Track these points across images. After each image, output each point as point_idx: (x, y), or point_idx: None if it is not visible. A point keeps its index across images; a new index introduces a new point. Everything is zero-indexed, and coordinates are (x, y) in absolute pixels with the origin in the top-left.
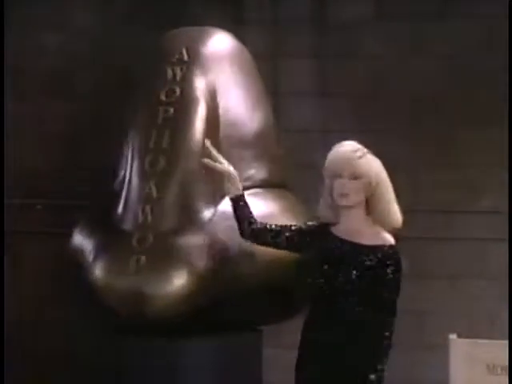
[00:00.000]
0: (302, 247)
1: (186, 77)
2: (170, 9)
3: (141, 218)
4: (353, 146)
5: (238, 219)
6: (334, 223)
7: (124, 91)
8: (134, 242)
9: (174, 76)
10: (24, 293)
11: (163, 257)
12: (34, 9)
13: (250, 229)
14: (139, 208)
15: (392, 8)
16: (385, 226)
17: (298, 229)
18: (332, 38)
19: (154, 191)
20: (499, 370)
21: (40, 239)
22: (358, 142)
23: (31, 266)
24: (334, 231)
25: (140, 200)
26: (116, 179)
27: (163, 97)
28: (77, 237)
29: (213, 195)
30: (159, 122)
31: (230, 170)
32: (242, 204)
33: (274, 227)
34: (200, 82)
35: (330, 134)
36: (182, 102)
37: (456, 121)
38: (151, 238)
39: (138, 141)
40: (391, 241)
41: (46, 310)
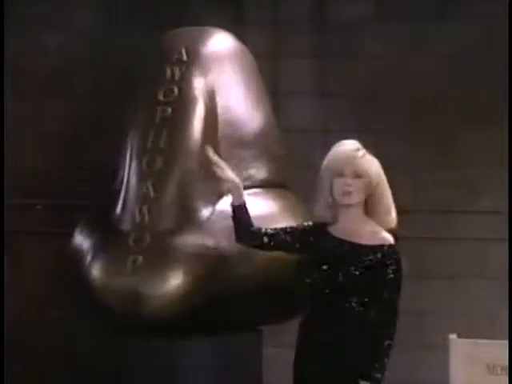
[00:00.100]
0: (300, 249)
1: (185, 77)
2: (171, 9)
3: (138, 218)
4: (354, 145)
5: (236, 225)
6: (331, 223)
7: (124, 91)
8: (130, 242)
9: (172, 76)
10: (24, 293)
11: (160, 257)
12: (34, 9)
13: (246, 233)
14: (136, 208)
15: (392, 8)
16: (383, 225)
17: (294, 230)
18: (332, 38)
19: (151, 191)
20: (499, 370)
21: (40, 239)
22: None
23: (31, 265)
24: (331, 231)
25: (137, 200)
26: (116, 179)
27: (161, 97)
28: (77, 237)
29: (211, 195)
30: (157, 121)
31: (235, 179)
32: (244, 211)
33: (270, 231)
34: (199, 81)
35: (329, 133)
36: (180, 101)
37: (456, 121)
38: (148, 238)
39: (136, 141)
40: (391, 240)
41: (45, 310)
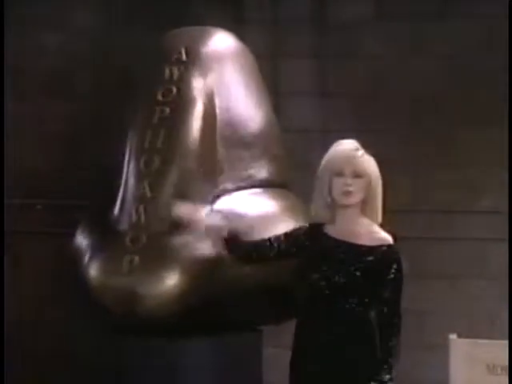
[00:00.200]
0: (297, 252)
1: (184, 77)
2: (171, 9)
3: (134, 218)
4: (353, 145)
5: (227, 247)
6: (328, 223)
7: (124, 91)
8: (127, 242)
9: (171, 76)
10: (24, 293)
11: (156, 257)
12: (34, 9)
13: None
14: (133, 208)
15: (392, 8)
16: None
17: (289, 236)
18: (332, 38)
19: (147, 191)
20: (499, 370)
21: (40, 239)
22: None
23: (31, 265)
24: (328, 232)
25: (134, 200)
26: (116, 179)
27: (160, 97)
28: (78, 237)
29: (208, 195)
30: (155, 121)
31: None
32: (235, 240)
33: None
34: (198, 81)
35: (329, 133)
36: (179, 101)
37: (456, 121)
38: (144, 237)
39: (134, 141)
40: (390, 240)
41: (45, 310)
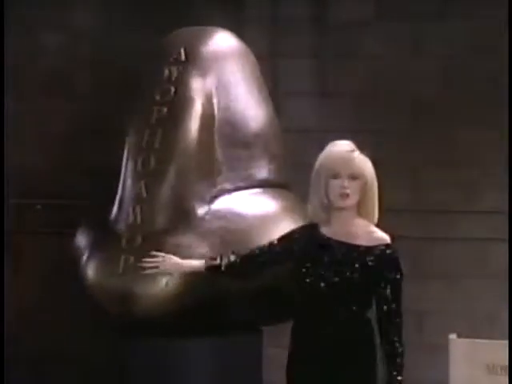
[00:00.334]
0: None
1: (182, 77)
2: (171, 9)
3: (131, 218)
4: (349, 146)
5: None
6: (324, 224)
7: (124, 91)
8: (123, 242)
9: (169, 76)
10: (24, 293)
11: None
12: (34, 9)
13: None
14: (130, 208)
15: (392, 8)
16: (371, 222)
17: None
18: (332, 38)
19: (143, 191)
20: (499, 370)
21: (40, 239)
22: (357, 142)
23: (31, 265)
24: (325, 233)
25: (131, 200)
26: (115, 179)
27: (158, 97)
28: (79, 237)
29: (205, 195)
30: (152, 121)
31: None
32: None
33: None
34: (196, 81)
35: (329, 133)
36: (176, 101)
37: (456, 121)
38: (140, 238)
39: (133, 141)
40: (387, 240)
41: (46, 310)
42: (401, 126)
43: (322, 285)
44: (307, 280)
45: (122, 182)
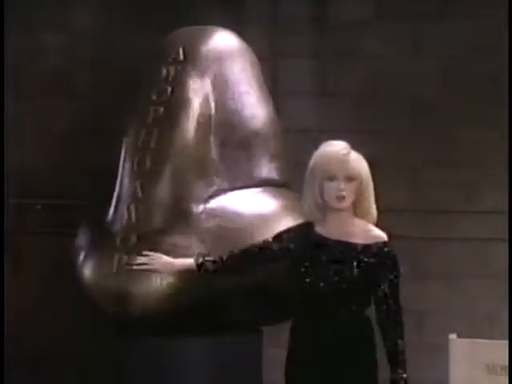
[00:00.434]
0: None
1: (179, 76)
2: (171, 9)
3: (126, 218)
4: (343, 146)
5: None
6: (319, 223)
7: (124, 91)
8: (117, 242)
9: (167, 75)
10: (24, 293)
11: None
12: (34, 9)
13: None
14: (125, 208)
15: (392, 8)
16: (369, 221)
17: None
18: (332, 38)
19: (139, 191)
20: (499, 370)
21: (40, 239)
22: (357, 142)
23: (31, 265)
24: (321, 232)
25: (127, 200)
26: (115, 179)
27: (154, 96)
28: (78, 237)
29: (200, 194)
30: (149, 121)
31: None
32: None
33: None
34: (194, 81)
35: (330, 134)
36: (173, 101)
37: (456, 121)
38: (135, 237)
39: (130, 141)
40: (384, 237)
41: (46, 310)
42: (401, 126)
43: (321, 284)
44: (307, 280)
45: (119, 181)
